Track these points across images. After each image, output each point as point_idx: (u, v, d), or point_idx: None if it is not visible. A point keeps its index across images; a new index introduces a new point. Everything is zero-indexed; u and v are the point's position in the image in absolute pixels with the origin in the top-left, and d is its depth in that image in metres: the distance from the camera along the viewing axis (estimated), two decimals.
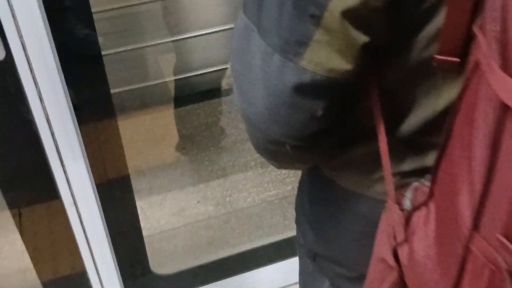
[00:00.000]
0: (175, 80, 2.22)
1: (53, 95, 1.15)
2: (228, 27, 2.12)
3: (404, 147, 0.68)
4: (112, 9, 2.05)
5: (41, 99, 1.16)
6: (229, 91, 2.28)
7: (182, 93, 2.26)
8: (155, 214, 2.00)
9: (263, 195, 2.03)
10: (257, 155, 0.76)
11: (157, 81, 2.22)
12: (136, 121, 2.18)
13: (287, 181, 2.08)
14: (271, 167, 2.07)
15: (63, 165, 1.27)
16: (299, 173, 0.90)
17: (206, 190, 2.07)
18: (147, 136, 2.16)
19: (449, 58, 0.57)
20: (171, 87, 2.25)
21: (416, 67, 0.61)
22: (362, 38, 0.56)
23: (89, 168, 1.31)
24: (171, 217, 1.99)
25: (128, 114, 2.19)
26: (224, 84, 2.27)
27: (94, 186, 1.35)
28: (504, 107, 0.46)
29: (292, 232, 1.79)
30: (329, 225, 0.81)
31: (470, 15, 0.53)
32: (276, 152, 0.70)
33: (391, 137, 0.66)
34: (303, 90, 0.59)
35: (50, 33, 1.08)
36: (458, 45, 0.56)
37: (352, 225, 0.77)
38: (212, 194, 2.05)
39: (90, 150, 1.29)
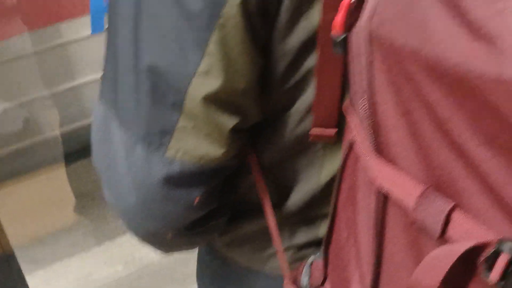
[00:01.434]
0: (61, 135, 2.09)
1: None
2: None
3: (295, 219, 0.64)
4: None
5: None
6: None
7: (71, 148, 2.13)
8: (61, 283, 1.87)
9: None
10: None
11: (38, 139, 2.08)
12: (27, 186, 2.03)
13: None
14: None
15: None
16: None
17: (112, 248, 1.96)
18: (42, 200, 2.02)
19: (325, 132, 0.54)
20: (57, 143, 2.13)
21: (293, 141, 0.57)
22: (231, 122, 0.52)
23: None
24: (78, 284, 1.86)
25: (17, 179, 2.04)
26: None
27: None
28: (384, 195, 0.41)
29: None
30: None
31: (340, 90, 0.50)
32: (159, 241, 0.64)
33: (279, 210, 0.62)
34: (173, 181, 0.55)
35: None
36: (333, 117, 0.53)
37: None
38: (120, 252, 1.95)
39: None
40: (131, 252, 1.94)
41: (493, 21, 0.30)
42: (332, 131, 0.54)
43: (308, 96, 0.53)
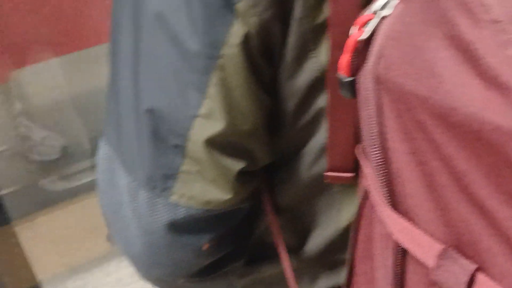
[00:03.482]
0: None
1: None
2: None
3: (315, 264, 0.60)
4: None
5: None
6: None
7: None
8: None
9: None
10: None
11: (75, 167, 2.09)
12: (61, 214, 2.04)
13: None
14: None
15: None
16: None
17: None
18: (76, 229, 2.02)
19: (341, 175, 0.50)
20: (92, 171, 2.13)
21: (309, 182, 0.54)
22: (237, 165, 0.49)
23: None
24: None
25: (52, 208, 2.05)
26: None
27: None
28: (402, 251, 0.37)
29: None
30: None
31: (353, 133, 0.46)
32: (171, 287, 0.61)
33: (298, 254, 0.59)
34: (179, 227, 0.52)
35: None
36: (348, 162, 0.49)
37: None
38: None
39: None
40: None
41: (507, 70, 0.26)
42: (348, 175, 0.50)
43: (321, 136, 0.50)
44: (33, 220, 1.27)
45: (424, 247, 0.36)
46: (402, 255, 0.38)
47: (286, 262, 0.58)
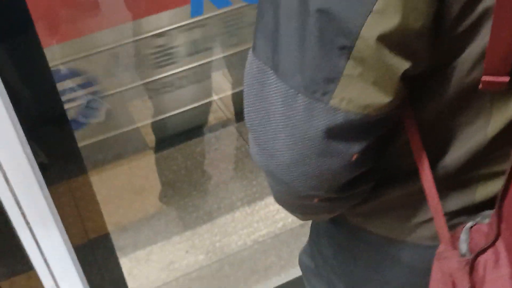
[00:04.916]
0: (151, 123, 2.10)
1: (12, 157, 1.03)
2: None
3: (449, 183, 0.59)
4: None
5: None
6: (204, 129, 2.18)
7: (156, 137, 2.14)
8: (143, 271, 1.87)
9: (254, 236, 1.92)
10: (243, 194, 0.68)
11: (129, 128, 2.10)
12: (112, 173, 2.06)
13: (277, 218, 1.97)
14: (258, 205, 1.98)
15: (33, 234, 1.14)
16: None
17: (193, 238, 1.95)
18: (126, 189, 2.03)
19: (498, 79, 0.49)
20: (143, 132, 2.14)
21: (459, 93, 0.53)
22: (404, 65, 0.49)
23: (64, 234, 1.18)
24: (160, 272, 1.86)
25: (103, 167, 2.07)
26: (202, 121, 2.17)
27: (72, 252, 1.22)
28: None
29: (290, 274, 1.70)
30: (363, 276, 0.71)
31: None
32: (303, 206, 0.62)
33: (433, 174, 0.58)
34: (335, 133, 0.52)
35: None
36: (507, 63, 0.47)
37: (393, 275, 0.67)
38: (201, 242, 1.94)
39: (62, 213, 1.17)
40: (212, 242, 1.93)
41: None
42: (505, 79, 0.49)
43: (481, 40, 0.49)
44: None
45: None
46: None
47: (428, 178, 0.57)
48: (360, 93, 0.50)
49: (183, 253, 1.91)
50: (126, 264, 1.88)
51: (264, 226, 1.95)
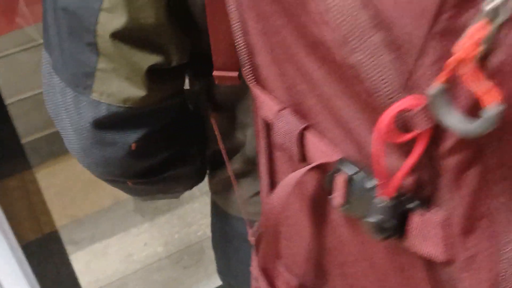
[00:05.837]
0: None
1: None
2: None
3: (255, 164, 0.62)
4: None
5: None
6: None
7: None
8: (101, 264, 1.84)
9: None
10: (202, 184, 0.71)
11: None
12: (66, 167, 2.01)
13: None
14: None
15: None
16: None
17: (152, 229, 1.93)
18: (81, 181, 1.99)
19: (228, 74, 0.50)
20: None
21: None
22: (147, 61, 0.50)
23: (9, 234, 1.15)
24: (118, 264, 1.83)
25: (57, 158, 2.02)
26: None
27: (19, 251, 1.18)
28: (267, 124, 0.45)
29: None
30: (227, 252, 0.75)
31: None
32: (125, 188, 0.64)
33: (241, 155, 0.61)
34: (103, 124, 0.54)
35: None
36: (233, 60, 0.48)
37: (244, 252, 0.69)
38: (160, 233, 1.91)
39: (6, 211, 1.13)
40: (171, 233, 1.91)
41: None
42: (234, 74, 0.49)
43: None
44: (36, 173, 1.25)
45: (269, 110, 0.39)
46: (267, 129, 0.41)
47: (227, 164, 0.61)
48: (118, 86, 0.51)
49: (142, 245, 1.88)
50: (83, 257, 1.85)
51: None
